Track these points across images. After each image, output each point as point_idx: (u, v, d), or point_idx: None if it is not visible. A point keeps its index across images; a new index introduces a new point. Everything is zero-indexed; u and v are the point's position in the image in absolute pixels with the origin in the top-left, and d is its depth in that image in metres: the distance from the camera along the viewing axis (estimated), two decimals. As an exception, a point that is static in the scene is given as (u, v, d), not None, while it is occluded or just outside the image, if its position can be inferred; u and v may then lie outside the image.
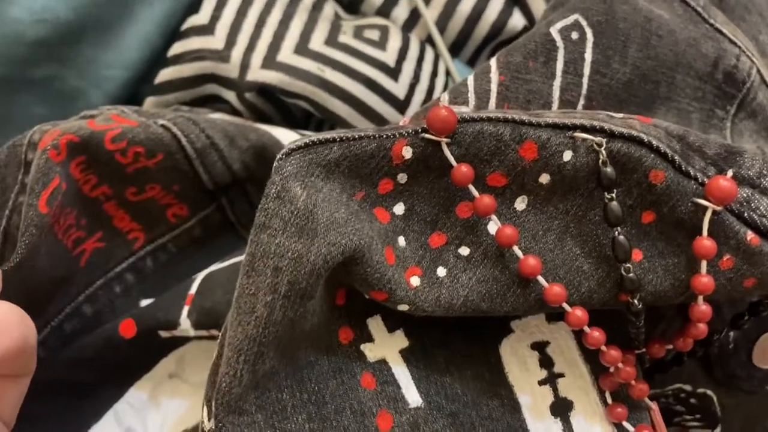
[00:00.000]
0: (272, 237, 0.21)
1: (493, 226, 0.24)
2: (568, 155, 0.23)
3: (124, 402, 0.31)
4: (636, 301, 0.24)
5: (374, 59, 0.38)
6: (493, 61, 0.27)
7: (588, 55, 0.27)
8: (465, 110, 0.26)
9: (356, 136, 0.22)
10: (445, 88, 0.40)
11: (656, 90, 0.29)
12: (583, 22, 0.27)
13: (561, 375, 0.27)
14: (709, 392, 0.32)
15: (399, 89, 0.38)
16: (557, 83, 0.27)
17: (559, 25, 0.27)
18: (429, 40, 0.41)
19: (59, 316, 0.31)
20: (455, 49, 0.42)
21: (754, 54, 0.31)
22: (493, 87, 0.26)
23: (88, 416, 0.31)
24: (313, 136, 0.22)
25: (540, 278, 0.24)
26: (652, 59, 0.28)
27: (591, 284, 0.24)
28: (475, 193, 0.23)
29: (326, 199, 0.22)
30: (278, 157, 0.22)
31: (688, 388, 0.32)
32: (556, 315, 0.27)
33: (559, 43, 0.27)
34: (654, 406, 0.28)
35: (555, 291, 0.24)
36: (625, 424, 0.26)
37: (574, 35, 0.27)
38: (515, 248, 0.24)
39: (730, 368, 0.32)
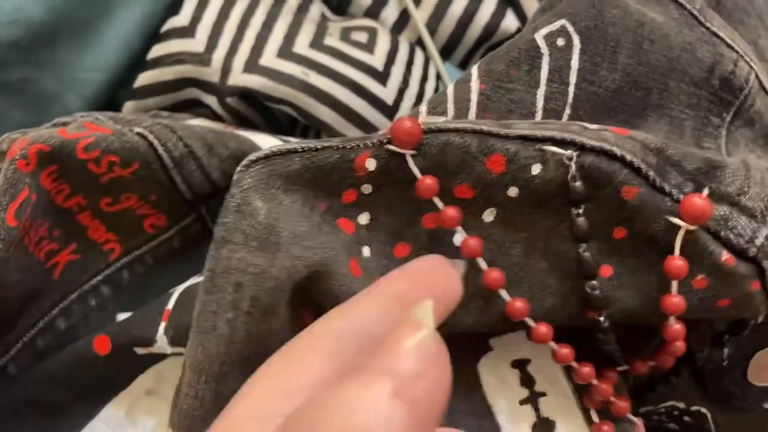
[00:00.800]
0: (233, 252, 0.21)
1: (458, 238, 0.23)
2: (536, 169, 0.22)
3: (99, 420, 0.30)
4: (602, 319, 0.23)
5: (362, 63, 0.37)
6: (474, 69, 0.26)
7: (575, 63, 0.26)
8: (440, 120, 0.25)
9: (319, 147, 0.22)
10: (436, 92, 0.39)
11: (648, 97, 0.28)
12: (570, 28, 0.26)
13: (543, 394, 0.26)
14: (703, 410, 0.32)
15: (387, 94, 0.37)
16: (541, 92, 0.26)
17: (545, 31, 0.26)
18: (419, 42, 0.40)
19: (31, 331, 0.30)
20: (446, 52, 0.42)
21: (752, 59, 0.30)
22: (473, 96, 0.25)
23: (61, 436, 0.30)
24: (274, 147, 0.22)
25: (502, 292, 0.23)
26: (643, 65, 0.27)
27: (555, 300, 0.24)
28: (440, 205, 0.23)
29: (288, 212, 0.22)
30: (238, 168, 0.22)
31: (681, 405, 0.32)
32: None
33: (544, 50, 0.26)
34: (639, 422, 0.27)
35: (517, 306, 0.23)
36: None
37: (560, 42, 0.26)
38: (479, 260, 0.23)
39: (725, 385, 0.31)
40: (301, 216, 0.22)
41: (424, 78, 0.39)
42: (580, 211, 0.23)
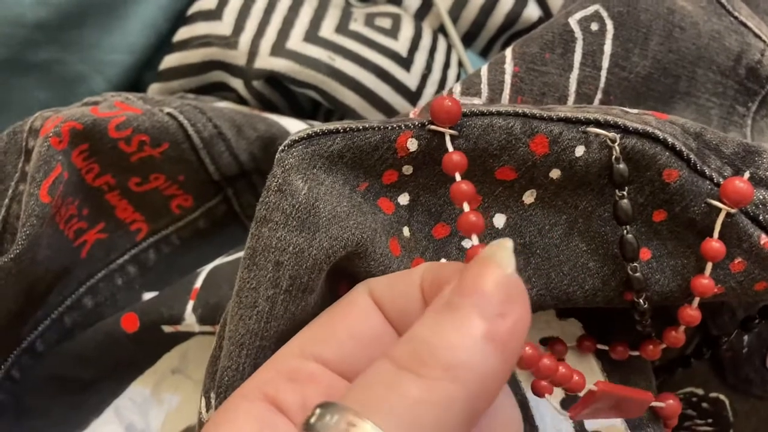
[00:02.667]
0: (273, 231, 0.21)
1: (499, 219, 0.24)
2: (580, 150, 0.23)
3: (125, 398, 0.31)
4: (642, 301, 0.24)
5: (386, 48, 0.37)
6: (508, 52, 0.26)
7: (607, 48, 0.26)
8: (477, 102, 0.25)
9: (360, 128, 0.22)
10: (457, 80, 0.39)
11: (676, 84, 0.28)
12: (604, 13, 0.27)
13: None
14: (721, 397, 0.32)
15: (411, 80, 0.37)
16: (574, 76, 0.26)
17: (579, 15, 0.26)
18: (441, 29, 0.40)
19: (59, 308, 0.30)
20: (468, 40, 0.42)
21: (779, 49, 0.30)
22: (507, 78, 0.25)
23: (88, 412, 0.30)
24: (316, 127, 0.22)
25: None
26: (673, 52, 0.27)
27: (595, 282, 0.24)
28: (458, 178, 0.22)
29: (328, 192, 0.22)
30: (280, 149, 0.22)
31: (699, 392, 0.32)
32: (567, 311, 0.27)
33: (578, 34, 0.26)
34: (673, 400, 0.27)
35: None
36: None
37: (594, 26, 0.26)
38: (473, 236, 0.22)
39: (744, 372, 0.31)
40: (341, 196, 0.22)
41: (447, 65, 0.39)
42: (624, 193, 0.23)
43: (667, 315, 0.25)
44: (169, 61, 0.37)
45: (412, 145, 0.22)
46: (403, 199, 0.23)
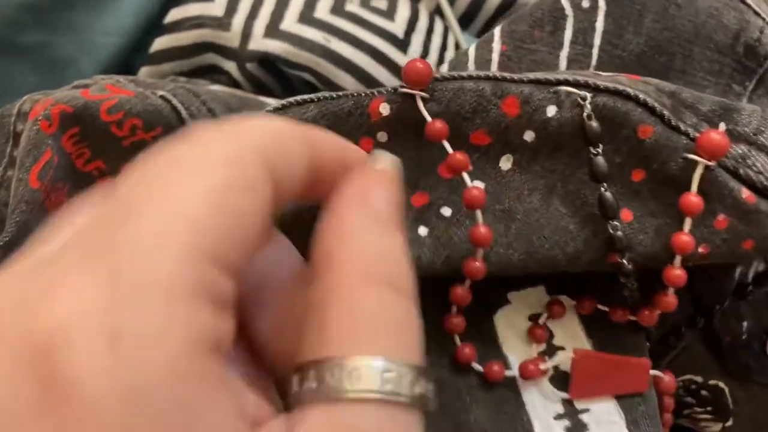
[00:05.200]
0: None
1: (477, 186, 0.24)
2: (552, 110, 0.23)
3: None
4: (625, 261, 0.23)
5: (382, 30, 0.36)
6: (496, 30, 0.26)
7: (599, 25, 0.26)
8: None
9: (334, 96, 0.22)
10: (454, 62, 0.39)
11: (670, 62, 0.28)
12: None
13: (561, 348, 0.26)
14: (721, 384, 0.32)
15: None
16: (564, 54, 0.26)
17: None
18: (438, 11, 0.40)
19: None
20: (465, 22, 0.41)
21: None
22: (495, 57, 0.25)
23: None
24: (290, 98, 0.22)
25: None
26: (669, 30, 0.27)
27: (577, 244, 0.24)
28: (449, 149, 0.23)
29: None
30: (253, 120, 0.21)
31: (699, 379, 0.32)
32: (557, 287, 0.27)
33: (569, 11, 0.26)
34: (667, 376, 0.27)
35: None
36: None
37: (585, 3, 0.26)
38: (477, 212, 0.23)
39: (743, 359, 0.31)
40: None
41: (444, 47, 0.39)
42: (599, 150, 0.23)
43: (659, 283, 0.24)
44: (160, 43, 0.37)
45: (385, 109, 0.23)
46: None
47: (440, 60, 0.38)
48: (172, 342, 0.12)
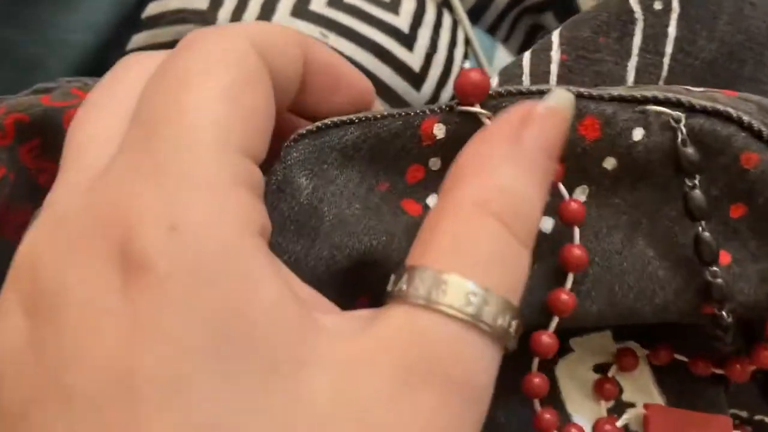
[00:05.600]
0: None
1: (546, 223, 0.21)
2: (638, 134, 0.20)
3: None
4: (725, 314, 0.20)
5: (385, 24, 0.33)
6: (555, 36, 0.23)
7: (672, 30, 0.23)
8: None
9: (378, 116, 0.20)
10: (464, 60, 0.36)
11: (740, 69, 0.25)
12: None
13: (631, 404, 0.23)
14: (767, 419, 0.29)
15: (414, 60, 0.33)
16: (632, 64, 0.23)
17: None
18: (446, 3, 0.37)
19: None
20: (475, 15, 0.38)
21: None
22: (554, 68, 0.23)
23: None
24: (326, 119, 0.20)
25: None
26: (742, 33, 0.24)
27: (667, 294, 0.21)
28: (564, 194, 0.20)
29: (338, 192, 0.20)
30: (284, 144, 0.19)
31: (744, 414, 0.29)
32: (625, 331, 0.24)
33: (639, 14, 0.23)
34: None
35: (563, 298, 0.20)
36: None
37: (658, 5, 0.23)
38: (575, 229, 0.20)
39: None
40: (353, 197, 0.20)
41: (453, 43, 0.35)
42: (696, 182, 0.20)
43: (749, 329, 0.22)
44: (138, 40, 0.34)
45: (439, 131, 0.20)
46: (432, 200, 0.21)
47: (449, 56, 0.35)
48: (221, 225, 0.14)
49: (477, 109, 0.19)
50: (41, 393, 0.13)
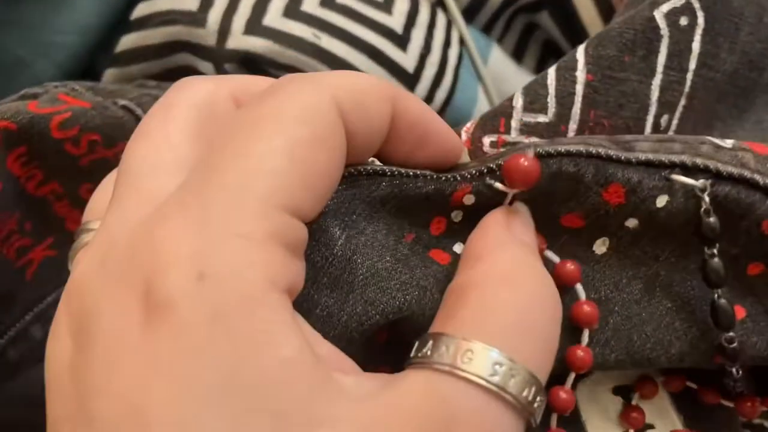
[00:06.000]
0: None
1: (580, 290, 0.21)
2: (662, 201, 0.20)
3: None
4: (735, 371, 0.21)
5: (379, 24, 0.33)
6: (580, 54, 0.22)
7: (696, 46, 0.23)
8: (541, 120, 0.22)
9: (411, 174, 0.19)
10: (459, 60, 0.35)
11: (760, 78, 0.25)
12: (696, 4, 0.23)
13: (650, 426, 0.23)
14: (766, 424, 0.29)
15: (408, 61, 0.33)
16: (657, 82, 0.23)
17: (666, 7, 0.23)
18: (440, 3, 0.36)
19: (1, 340, 0.26)
20: (469, 15, 0.37)
21: None
22: (579, 89, 0.22)
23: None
24: (358, 165, 0.19)
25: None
26: (761, 41, 0.24)
27: (683, 345, 0.21)
28: (555, 259, 0.20)
29: (369, 243, 0.19)
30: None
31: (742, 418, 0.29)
32: None
33: (664, 31, 0.23)
34: None
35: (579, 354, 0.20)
36: None
37: (683, 21, 0.23)
38: (578, 287, 0.21)
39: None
40: (383, 248, 0.19)
41: (447, 43, 0.35)
42: (715, 251, 0.20)
43: (764, 373, 0.22)
44: (127, 42, 0.33)
45: (469, 200, 0.20)
46: (458, 247, 0.21)
47: (443, 57, 0.34)
48: (248, 278, 0.14)
49: (512, 190, 0.19)
50: (72, 413, 0.14)
